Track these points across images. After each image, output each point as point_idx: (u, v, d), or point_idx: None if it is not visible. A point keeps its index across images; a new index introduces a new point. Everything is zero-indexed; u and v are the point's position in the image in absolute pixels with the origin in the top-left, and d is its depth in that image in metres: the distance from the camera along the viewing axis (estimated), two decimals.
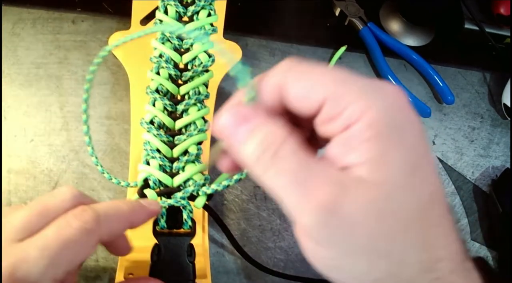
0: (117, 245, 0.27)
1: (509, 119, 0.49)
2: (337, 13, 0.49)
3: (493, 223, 0.45)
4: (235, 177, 0.30)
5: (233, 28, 0.43)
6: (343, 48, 0.46)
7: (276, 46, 0.45)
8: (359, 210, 0.18)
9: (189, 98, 0.32)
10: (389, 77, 0.46)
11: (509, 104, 0.48)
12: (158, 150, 0.30)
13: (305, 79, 0.19)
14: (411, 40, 0.50)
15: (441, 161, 0.47)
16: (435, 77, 0.48)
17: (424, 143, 0.19)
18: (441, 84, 0.47)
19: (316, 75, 0.19)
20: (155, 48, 0.33)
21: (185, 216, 0.30)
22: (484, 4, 0.51)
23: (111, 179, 0.33)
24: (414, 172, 0.18)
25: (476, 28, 0.50)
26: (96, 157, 0.33)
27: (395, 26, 0.50)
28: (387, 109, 0.18)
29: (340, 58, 0.47)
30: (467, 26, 0.50)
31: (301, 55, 0.46)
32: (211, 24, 0.34)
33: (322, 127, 0.20)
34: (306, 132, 0.22)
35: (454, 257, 0.19)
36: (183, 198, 0.29)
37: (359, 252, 0.18)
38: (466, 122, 0.49)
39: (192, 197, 0.29)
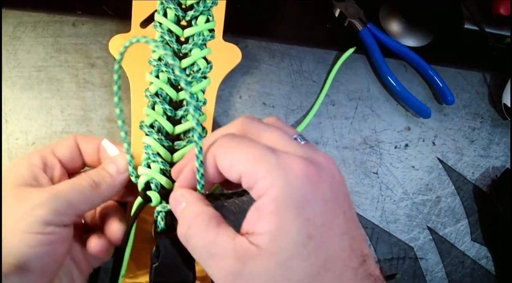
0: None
1: (509, 119, 0.49)
2: (336, 14, 0.49)
3: (493, 224, 0.45)
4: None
5: (233, 30, 0.43)
6: (351, 50, 0.46)
7: (276, 47, 0.46)
8: (258, 276, 0.21)
9: (187, 104, 0.32)
10: (389, 78, 0.46)
11: (509, 105, 0.48)
12: (159, 154, 0.30)
13: (229, 156, 0.23)
14: (411, 41, 0.50)
15: (441, 161, 0.47)
16: (435, 77, 0.48)
17: (322, 213, 0.22)
18: (441, 85, 0.47)
19: (238, 154, 0.23)
20: (154, 51, 0.33)
21: None
22: (484, 4, 0.51)
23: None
24: (308, 242, 0.21)
25: (476, 28, 0.50)
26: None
27: (394, 26, 0.50)
28: (287, 188, 0.21)
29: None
30: (467, 26, 0.51)
31: (301, 56, 0.46)
32: (209, 30, 0.34)
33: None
34: None
35: None
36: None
37: None
38: (466, 123, 0.49)
39: None
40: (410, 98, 0.46)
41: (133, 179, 0.31)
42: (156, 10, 0.34)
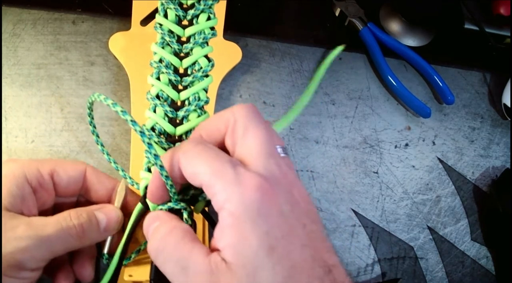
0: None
1: (509, 119, 0.49)
2: (337, 14, 0.49)
3: (493, 224, 0.45)
4: None
5: (233, 28, 0.43)
6: (340, 48, 0.46)
7: (276, 46, 0.46)
8: None
9: (189, 104, 0.32)
10: (389, 77, 0.46)
11: (509, 105, 0.48)
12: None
13: (191, 165, 0.24)
14: (411, 40, 0.50)
15: (441, 161, 0.47)
16: (435, 77, 0.48)
17: (280, 226, 0.22)
18: (441, 85, 0.47)
19: (199, 165, 0.24)
20: (155, 53, 0.33)
21: (185, 216, 0.30)
22: (484, 4, 0.51)
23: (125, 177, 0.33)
24: (271, 253, 0.22)
25: (476, 28, 0.50)
26: (115, 162, 0.34)
27: (395, 26, 0.50)
28: (242, 202, 0.22)
29: (340, 58, 0.47)
30: (467, 26, 0.51)
31: (301, 55, 0.46)
32: (211, 28, 0.34)
33: None
34: None
35: None
36: (183, 201, 0.29)
37: None
38: (466, 123, 0.49)
39: (192, 202, 0.29)
40: (410, 98, 0.46)
41: (135, 186, 0.31)
42: (156, 9, 0.34)
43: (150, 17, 0.40)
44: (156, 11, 0.34)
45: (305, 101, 0.41)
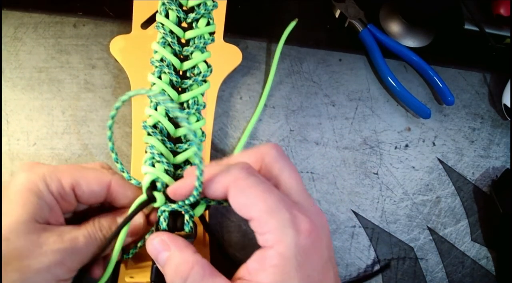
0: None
1: (509, 119, 0.49)
2: (337, 15, 0.49)
3: (493, 224, 0.45)
4: None
5: (233, 31, 0.43)
6: (293, 23, 0.46)
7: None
8: None
9: (188, 107, 0.33)
10: (389, 78, 0.46)
11: (509, 105, 0.48)
12: (163, 155, 0.31)
13: (243, 197, 0.25)
14: (411, 41, 0.50)
15: (441, 162, 0.47)
16: (435, 78, 0.48)
17: (320, 270, 0.24)
18: (441, 85, 0.47)
19: (253, 198, 0.24)
20: (156, 51, 0.33)
21: (186, 217, 0.30)
22: (484, 5, 0.51)
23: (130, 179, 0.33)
24: None
25: (476, 28, 0.50)
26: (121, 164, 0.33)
27: (395, 27, 0.50)
28: (294, 247, 0.23)
29: (340, 60, 0.47)
30: (467, 26, 0.51)
31: (301, 56, 0.46)
32: (210, 33, 0.34)
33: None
34: None
35: None
36: (187, 203, 0.29)
37: None
38: (466, 123, 0.49)
39: (193, 204, 0.30)
40: (410, 99, 0.46)
41: (133, 181, 0.31)
42: (157, 11, 0.34)
43: (151, 20, 0.40)
44: (156, 14, 0.35)
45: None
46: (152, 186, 0.30)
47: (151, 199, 0.29)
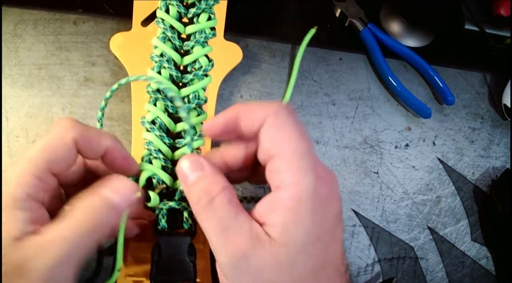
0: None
1: (509, 119, 0.49)
2: (337, 14, 0.49)
3: (493, 224, 0.45)
4: None
5: (234, 29, 0.43)
6: (313, 30, 0.46)
7: (276, 47, 0.46)
8: (264, 261, 0.23)
9: (189, 101, 0.32)
10: (390, 78, 0.46)
11: (509, 105, 0.48)
12: (160, 151, 0.30)
13: (280, 131, 0.24)
14: (411, 41, 0.50)
15: (441, 162, 0.47)
16: (436, 78, 0.48)
17: (332, 220, 0.24)
18: (441, 85, 0.47)
19: (287, 135, 0.24)
20: (156, 47, 0.33)
21: (185, 214, 0.30)
22: (484, 5, 0.51)
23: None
24: (315, 242, 0.23)
25: (476, 28, 0.50)
26: None
27: (395, 27, 0.50)
28: (313, 192, 0.23)
29: (340, 59, 0.47)
30: (467, 26, 0.51)
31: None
32: (211, 28, 0.34)
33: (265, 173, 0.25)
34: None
35: None
36: (184, 200, 0.29)
37: None
38: (467, 123, 0.49)
39: None
40: (411, 98, 0.46)
41: (129, 178, 0.31)
42: (157, 8, 0.34)
43: (151, 17, 0.40)
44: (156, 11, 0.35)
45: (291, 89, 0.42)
46: (149, 183, 0.30)
47: (146, 198, 0.29)
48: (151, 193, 0.29)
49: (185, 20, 0.34)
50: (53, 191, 0.26)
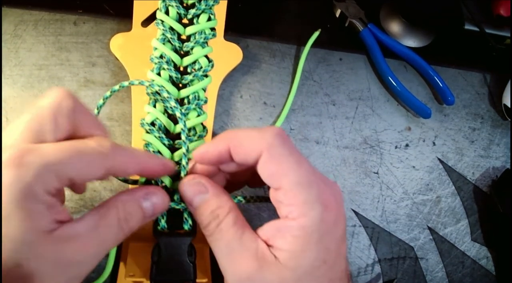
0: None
1: (510, 120, 0.49)
2: (337, 15, 0.49)
3: (493, 224, 0.45)
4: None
5: (234, 29, 0.43)
6: (316, 33, 0.46)
7: (276, 47, 0.46)
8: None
9: (188, 102, 0.32)
10: (390, 78, 0.46)
11: (509, 105, 0.48)
12: (160, 152, 0.30)
13: (276, 165, 0.24)
14: (411, 41, 0.50)
15: (441, 162, 0.47)
16: (436, 78, 0.48)
17: (338, 241, 0.25)
18: (441, 85, 0.47)
19: (286, 169, 0.24)
20: (156, 48, 0.33)
21: (185, 215, 0.30)
22: (484, 5, 0.51)
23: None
24: (322, 265, 0.24)
25: (476, 29, 0.50)
26: None
27: (395, 27, 0.50)
28: (319, 222, 0.23)
29: (340, 59, 0.47)
30: (467, 27, 0.51)
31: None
32: (211, 29, 0.34)
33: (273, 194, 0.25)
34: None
35: None
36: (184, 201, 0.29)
37: None
38: (467, 123, 0.49)
39: None
40: (411, 98, 0.46)
41: (129, 181, 0.31)
42: (157, 9, 0.34)
43: (151, 18, 0.40)
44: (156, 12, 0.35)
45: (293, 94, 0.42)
46: (148, 183, 0.30)
47: None
48: None
49: (185, 21, 0.34)
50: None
